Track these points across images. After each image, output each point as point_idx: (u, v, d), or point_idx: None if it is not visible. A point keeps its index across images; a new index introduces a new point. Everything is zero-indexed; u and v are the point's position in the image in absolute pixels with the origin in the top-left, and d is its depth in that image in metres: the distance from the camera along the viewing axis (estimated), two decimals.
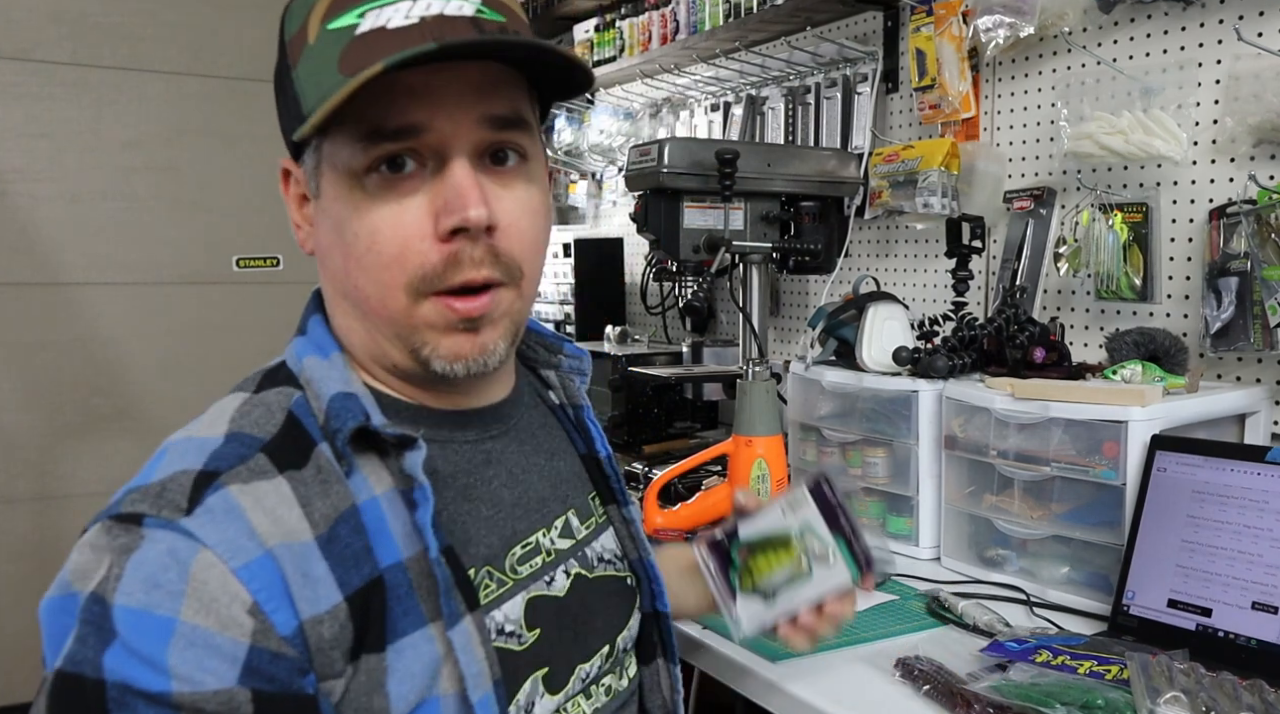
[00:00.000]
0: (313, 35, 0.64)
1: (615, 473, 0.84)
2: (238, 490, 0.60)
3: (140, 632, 0.55)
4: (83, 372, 2.63)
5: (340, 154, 0.64)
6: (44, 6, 2.54)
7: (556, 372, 0.85)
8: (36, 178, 2.57)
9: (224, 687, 0.55)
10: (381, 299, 0.65)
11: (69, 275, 2.62)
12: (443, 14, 0.61)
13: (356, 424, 0.64)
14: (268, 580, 0.57)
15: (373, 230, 0.63)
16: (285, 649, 0.57)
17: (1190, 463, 1.13)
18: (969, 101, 1.80)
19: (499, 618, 0.68)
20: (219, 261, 2.79)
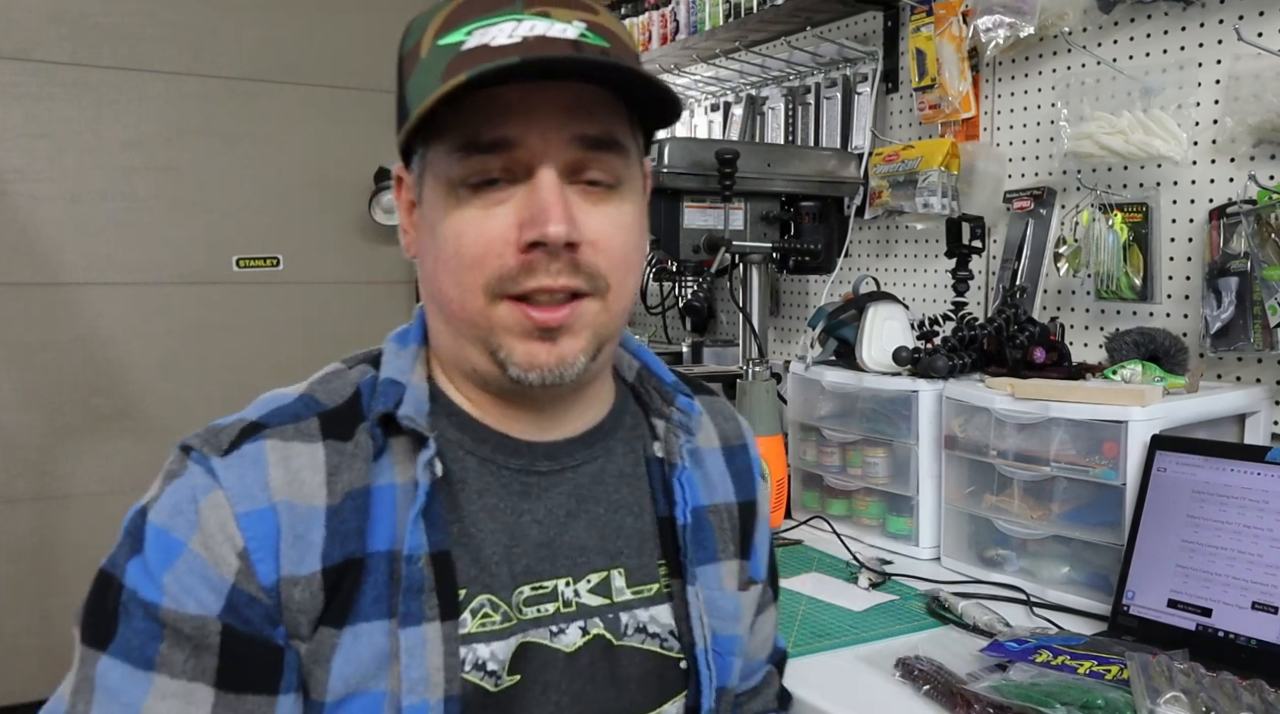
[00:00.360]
0: (424, 50, 0.67)
1: (689, 544, 0.75)
2: (272, 445, 0.65)
3: (156, 548, 0.62)
4: (83, 372, 2.63)
5: (439, 163, 0.67)
6: (44, 6, 2.54)
7: (666, 423, 0.78)
8: (36, 178, 2.57)
9: (202, 614, 0.61)
10: (461, 300, 0.66)
11: (69, 275, 2.62)
12: (545, 35, 0.63)
13: (383, 409, 0.67)
14: (263, 531, 0.62)
15: (458, 233, 0.65)
16: (261, 597, 0.62)
17: (1190, 463, 1.13)
18: (969, 101, 1.80)
19: (483, 652, 0.66)
20: (219, 261, 2.79)
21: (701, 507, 0.78)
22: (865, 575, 1.37)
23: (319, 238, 2.92)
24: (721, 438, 0.83)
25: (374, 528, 0.65)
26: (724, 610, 0.77)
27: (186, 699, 0.61)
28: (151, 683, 0.61)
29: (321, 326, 2.91)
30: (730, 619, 0.78)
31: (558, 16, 0.64)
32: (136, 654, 0.61)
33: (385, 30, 3.02)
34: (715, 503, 0.80)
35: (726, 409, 0.87)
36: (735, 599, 0.79)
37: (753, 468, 0.85)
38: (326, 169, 2.90)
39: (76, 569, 2.63)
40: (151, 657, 0.61)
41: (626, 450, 0.77)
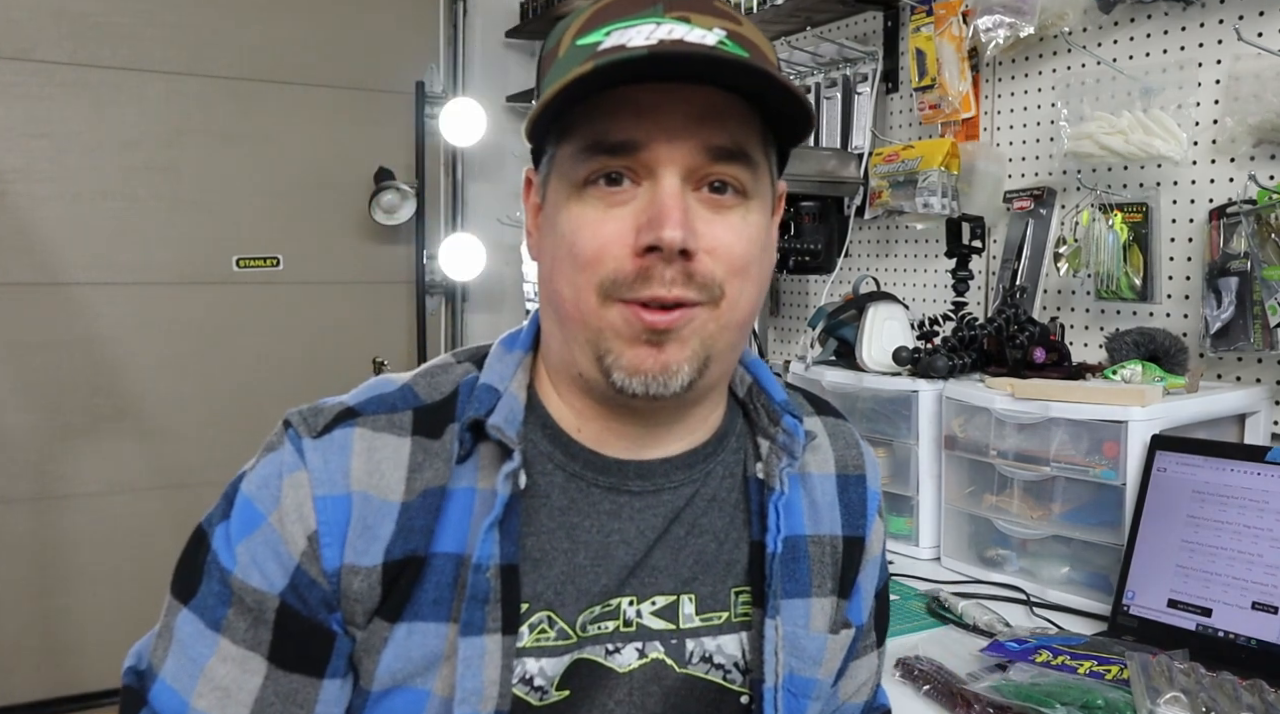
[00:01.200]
0: (563, 50, 0.66)
1: (775, 574, 0.71)
2: (360, 433, 0.66)
3: (240, 517, 0.65)
4: (83, 372, 2.63)
5: (565, 164, 0.66)
6: (44, 6, 2.54)
7: (771, 443, 0.74)
8: (36, 178, 2.57)
9: (263, 589, 0.64)
10: (575, 300, 0.65)
11: (69, 275, 2.63)
12: (683, 39, 0.62)
13: (474, 415, 0.67)
14: (335, 517, 0.64)
15: (575, 231, 0.64)
16: (322, 581, 0.64)
17: (1190, 463, 1.13)
18: (969, 101, 1.80)
19: (531, 667, 0.66)
20: (219, 261, 2.79)
21: (801, 535, 0.74)
22: None
23: (319, 238, 2.92)
24: (839, 465, 0.79)
25: (443, 529, 0.65)
26: (805, 650, 0.73)
27: (242, 666, 0.63)
28: (217, 644, 0.64)
29: (321, 326, 2.91)
30: (811, 661, 0.73)
31: (698, 23, 0.63)
32: (209, 614, 0.64)
33: (386, 30, 3.03)
34: (819, 533, 0.75)
35: (850, 436, 0.81)
36: (822, 640, 0.74)
37: (868, 503, 0.79)
38: (326, 169, 2.90)
39: (76, 569, 2.63)
40: (220, 619, 0.64)
41: (726, 472, 0.74)
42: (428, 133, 2.97)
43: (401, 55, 3.00)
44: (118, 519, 2.64)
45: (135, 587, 2.61)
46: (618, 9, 0.65)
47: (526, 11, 3.06)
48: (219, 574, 0.64)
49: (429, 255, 2.98)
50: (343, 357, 2.86)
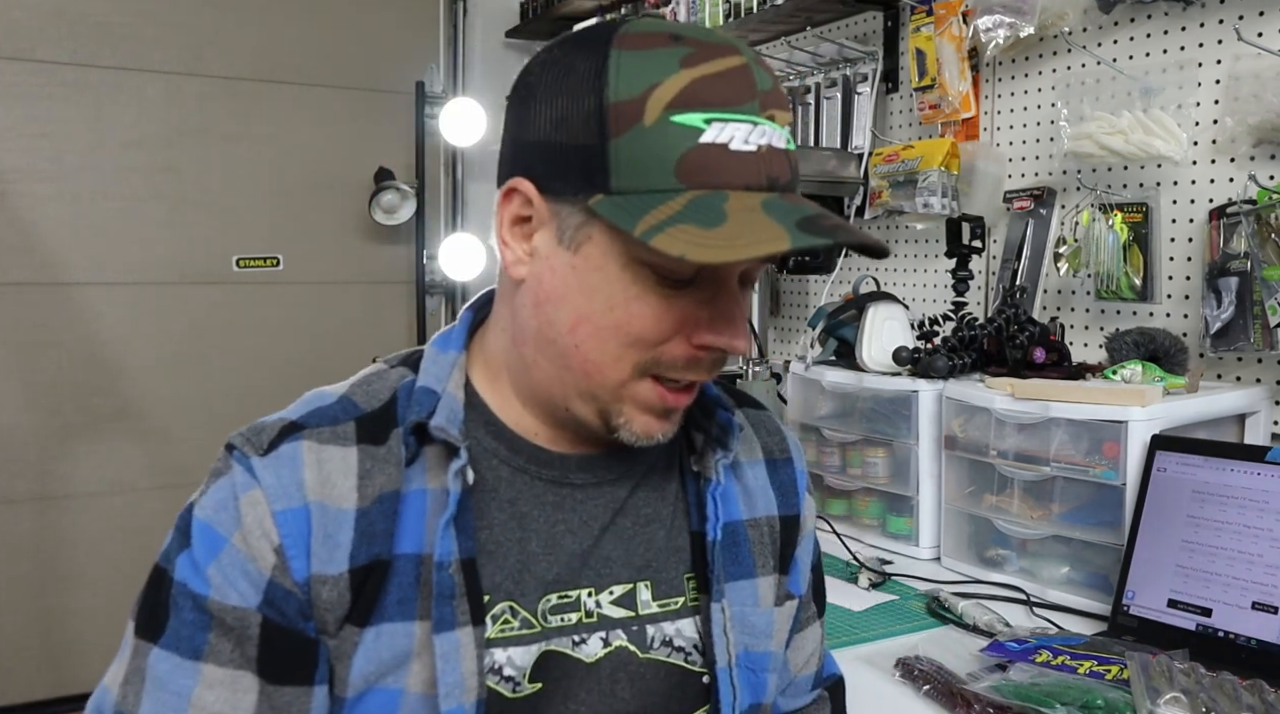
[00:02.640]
0: (650, 117, 0.62)
1: (718, 561, 0.74)
2: (308, 446, 0.67)
3: (202, 542, 0.65)
4: (83, 372, 2.64)
5: (627, 239, 0.63)
6: (44, 6, 2.54)
7: (705, 437, 0.77)
8: (36, 178, 2.57)
9: (243, 605, 0.64)
10: (601, 365, 0.66)
11: (69, 275, 2.63)
12: (772, 145, 0.64)
13: (416, 419, 0.68)
14: (296, 529, 0.65)
15: (633, 313, 0.65)
16: (296, 591, 0.64)
17: (1190, 463, 1.13)
18: (969, 101, 1.80)
19: (499, 658, 0.67)
20: (219, 261, 2.79)
21: (738, 520, 0.78)
22: (865, 575, 1.37)
23: (319, 238, 2.92)
24: (765, 451, 0.83)
25: (402, 531, 0.67)
26: (756, 627, 0.76)
27: (233, 687, 0.64)
28: (200, 673, 0.64)
29: (321, 326, 2.91)
30: (762, 636, 0.77)
31: (780, 121, 0.65)
32: (186, 645, 0.64)
33: (386, 30, 3.03)
34: (756, 516, 0.79)
35: (771, 423, 0.86)
36: (770, 615, 0.78)
37: (798, 483, 0.84)
38: (326, 169, 2.90)
39: (76, 569, 2.63)
40: (200, 647, 0.64)
41: (665, 464, 0.78)
42: (428, 133, 2.97)
43: (401, 55, 3.00)
44: (118, 519, 2.64)
45: (135, 587, 2.58)
46: (716, 93, 0.62)
47: (526, 11, 3.06)
48: (191, 602, 0.64)
49: (429, 255, 2.98)
50: (343, 357, 2.86)
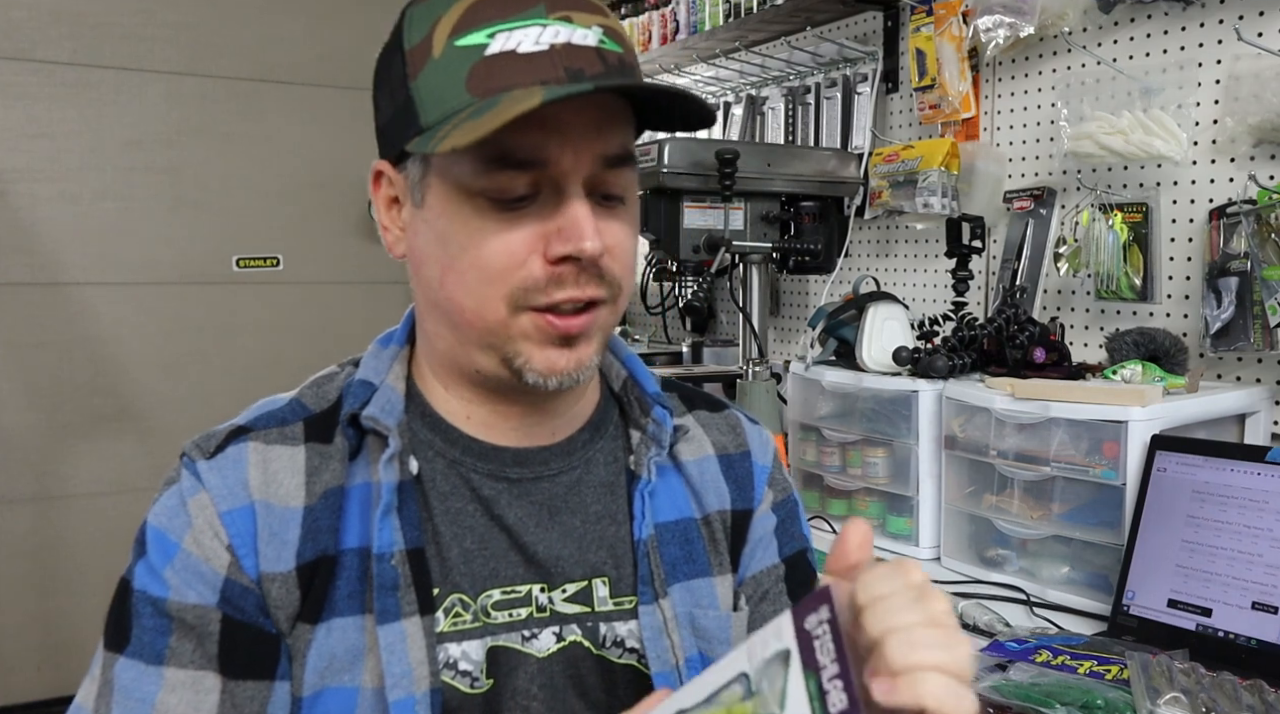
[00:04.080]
0: (438, 49, 0.64)
1: (650, 561, 0.72)
2: (254, 447, 0.68)
3: (156, 548, 0.66)
4: (83, 372, 2.63)
5: (456, 170, 0.65)
6: (44, 6, 2.54)
7: (642, 434, 0.76)
8: (36, 178, 2.57)
9: (202, 603, 0.64)
10: (479, 310, 0.66)
11: (69, 275, 2.62)
12: (570, 42, 0.63)
13: (350, 410, 0.69)
14: (243, 528, 0.65)
15: (480, 244, 0.64)
16: (252, 586, 0.65)
17: (1190, 463, 1.13)
18: (969, 101, 1.80)
19: (454, 651, 0.67)
20: (219, 261, 2.79)
21: (690, 519, 0.76)
22: None
23: (319, 238, 2.92)
24: (717, 447, 0.80)
25: (347, 526, 0.67)
26: (708, 630, 0.73)
27: (195, 688, 0.64)
28: (163, 677, 0.64)
29: (321, 326, 2.91)
30: (717, 641, 0.74)
31: (579, 22, 0.64)
32: (148, 651, 0.64)
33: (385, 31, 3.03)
34: (708, 513, 0.77)
35: (731, 420, 0.83)
36: (726, 619, 0.75)
37: (754, 476, 0.81)
38: (326, 169, 2.90)
39: (76, 569, 2.63)
40: (162, 651, 0.64)
41: (609, 461, 0.76)
42: None
43: None
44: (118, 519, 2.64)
45: None
46: (495, 8, 0.63)
47: None
48: (151, 607, 0.64)
49: None
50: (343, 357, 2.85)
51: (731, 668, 0.52)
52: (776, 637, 0.50)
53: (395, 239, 0.72)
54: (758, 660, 0.51)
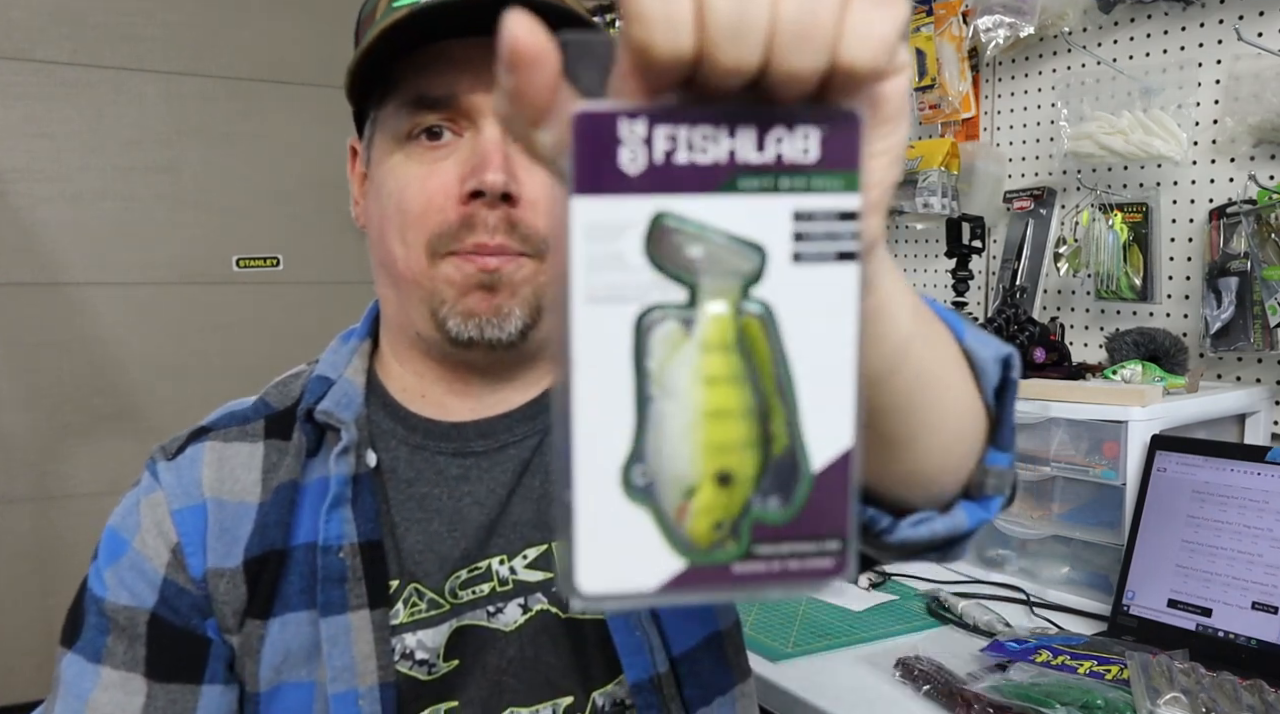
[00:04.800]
0: (380, 13, 0.67)
1: None
2: (212, 446, 0.69)
3: (107, 548, 0.67)
4: (83, 372, 2.63)
5: (388, 123, 0.66)
6: (44, 6, 2.54)
7: None
8: (36, 178, 2.57)
9: (133, 605, 0.65)
10: (406, 258, 0.65)
11: (69, 275, 2.62)
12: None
13: (306, 405, 0.69)
14: (194, 527, 0.66)
15: (402, 188, 0.65)
16: (190, 587, 0.65)
17: (1190, 463, 1.13)
18: (969, 101, 1.80)
19: (410, 642, 0.65)
20: (219, 261, 2.79)
21: None
22: (865, 575, 1.37)
23: (319, 238, 2.92)
24: None
25: (300, 521, 0.66)
26: None
27: (124, 689, 0.64)
28: (99, 675, 0.64)
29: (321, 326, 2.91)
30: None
31: None
32: (90, 648, 0.65)
33: None
34: None
35: None
36: None
37: None
38: (326, 169, 2.90)
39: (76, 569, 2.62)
40: (100, 649, 0.65)
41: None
42: None
43: None
44: None
45: None
46: None
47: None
48: (95, 606, 0.66)
49: None
50: None
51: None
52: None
53: (361, 211, 0.73)
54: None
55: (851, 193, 0.30)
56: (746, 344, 0.30)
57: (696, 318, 0.30)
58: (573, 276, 0.28)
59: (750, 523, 0.30)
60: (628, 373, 0.29)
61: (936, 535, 0.49)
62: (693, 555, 0.30)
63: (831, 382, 0.30)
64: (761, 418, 0.30)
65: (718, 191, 0.29)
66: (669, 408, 0.30)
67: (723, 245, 0.29)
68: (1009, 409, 0.51)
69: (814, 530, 0.31)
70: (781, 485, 0.30)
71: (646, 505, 0.29)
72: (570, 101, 0.29)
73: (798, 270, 0.30)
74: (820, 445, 0.30)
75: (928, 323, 0.45)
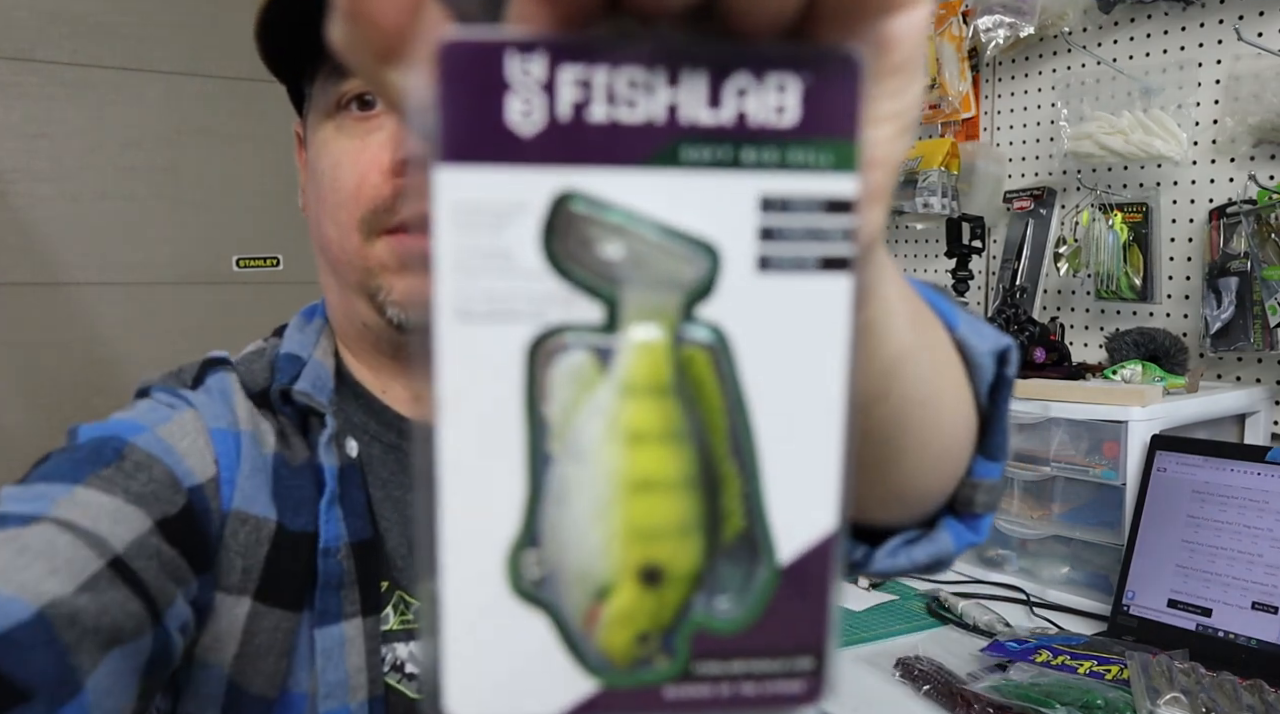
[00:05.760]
0: None
1: None
2: (235, 377, 0.62)
3: (120, 428, 0.55)
4: (83, 372, 2.63)
5: (318, 96, 0.61)
6: (44, 6, 2.54)
7: None
8: (36, 178, 2.57)
9: (173, 473, 0.54)
10: (341, 241, 0.60)
11: (69, 275, 2.62)
12: None
13: (280, 385, 0.62)
14: (229, 452, 0.58)
15: (335, 165, 0.59)
16: (216, 517, 0.55)
17: (1190, 463, 1.13)
18: (969, 101, 1.80)
19: (402, 652, 0.60)
20: (219, 261, 2.79)
21: None
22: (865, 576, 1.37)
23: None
24: None
25: (298, 509, 0.59)
26: None
27: (114, 516, 0.50)
28: (70, 492, 0.50)
29: None
30: None
31: None
32: (61, 472, 0.51)
33: None
34: None
35: None
36: None
37: None
38: None
39: None
40: (83, 474, 0.51)
41: None
42: None
43: None
44: None
45: None
46: None
47: None
48: (94, 445, 0.53)
49: None
50: None
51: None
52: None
53: (304, 198, 0.67)
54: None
55: (845, 172, 0.21)
56: (688, 386, 0.21)
57: (616, 347, 0.21)
58: (437, 281, 0.20)
59: (690, 632, 0.22)
60: (517, 423, 0.20)
61: (917, 564, 0.45)
62: (608, 675, 0.22)
63: (809, 438, 0.21)
64: (707, 490, 0.21)
65: (650, 164, 0.20)
66: (575, 474, 0.21)
67: (656, 243, 0.20)
68: (1003, 411, 0.45)
69: (778, 643, 0.22)
70: (734, 583, 0.22)
71: (542, 608, 0.21)
72: (438, 26, 0.20)
73: (765, 281, 0.21)
74: (790, 527, 0.22)
75: (924, 326, 0.38)
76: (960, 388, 0.43)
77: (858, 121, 0.21)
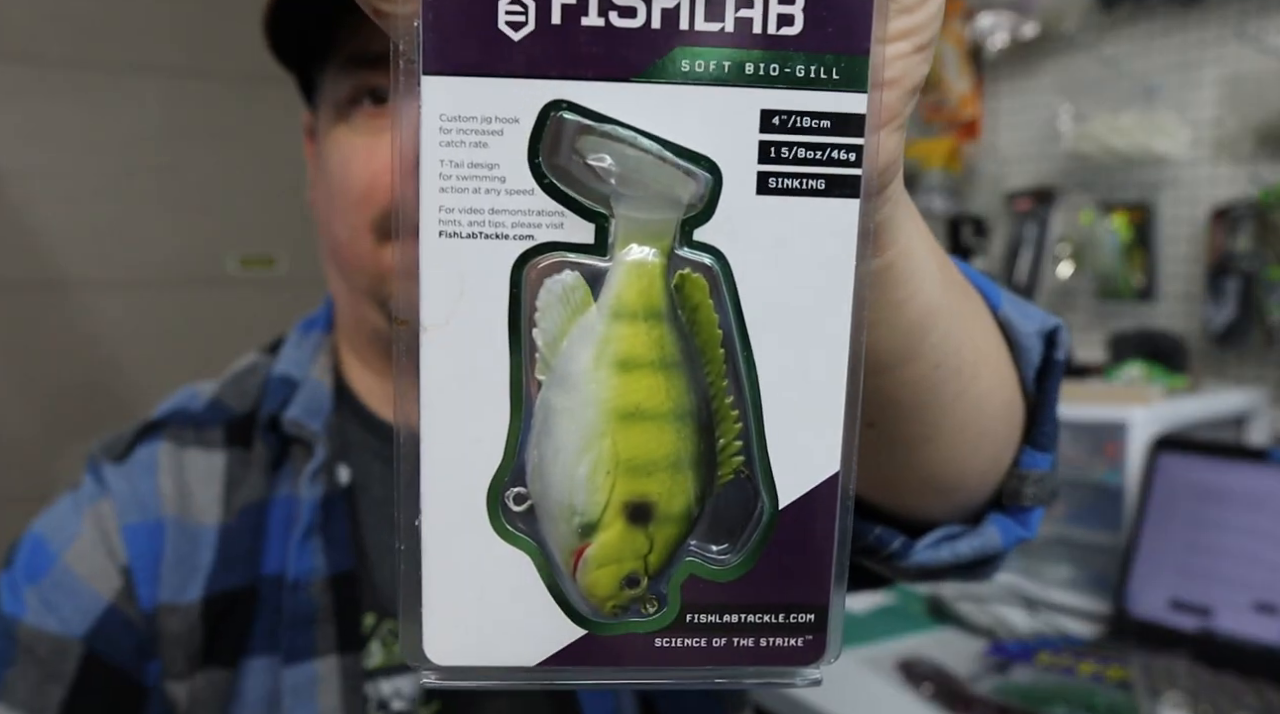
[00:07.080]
0: None
1: None
2: (166, 449, 0.58)
3: (28, 559, 0.56)
4: (83, 372, 2.63)
5: (329, 89, 0.58)
6: (44, 6, 2.54)
7: None
8: (36, 178, 2.57)
9: (61, 634, 0.54)
10: (351, 242, 0.56)
11: (68, 275, 2.63)
12: None
13: (270, 411, 0.59)
14: (147, 549, 0.55)
15: (346, 162, 0.56)
16: (139, 622, 0.55)
17: (1192, 464, 1.13)
18: (970, 101, 1.80)
19: (386, 690, 0.56)
20: (219, 262, 2.79)
21: None
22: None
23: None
24: None
25: (268, 549, 0.57)
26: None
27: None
28: None
29: None
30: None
31: None
32: None
33: None
34: None
35: None
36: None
37: None
38: None
39: None
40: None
41: None
42: None
43: None
44: None
45: None
46: None
47: None
48: (1, 626, 0.54)
49: None
50: None
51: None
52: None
53: (314, 195, 0.63)
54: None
55: (854, 89, 0.19)
56: (684, 313, 0.19)
57: (609, 268, 0.19)
58: (421, 196, 0.19)
59: (681, 579, 0.20)
60: (501, 347, 0.19)
61: (961, 558, 0.42)
62: (594, 623, 0.20)
63: (813, 373, 0.20)
64: (702, 424, 0.20)
65: (646, 76, 0.19)
66: (562, 403, 0.19)
67: (652, 160, 0.19)
68: (1052, 397, 0.43)
69: (776, 596, 0.20)
70: (729, 527, 0.20)
71: (525, 546, 0.20)
72: None
73: (767, 202, 0.19)
74: (791, 469, 0.20)
75: (958, 292, 0.36)
76: (1003, 367, 0.40)
77: (868, 35, 0.19)
